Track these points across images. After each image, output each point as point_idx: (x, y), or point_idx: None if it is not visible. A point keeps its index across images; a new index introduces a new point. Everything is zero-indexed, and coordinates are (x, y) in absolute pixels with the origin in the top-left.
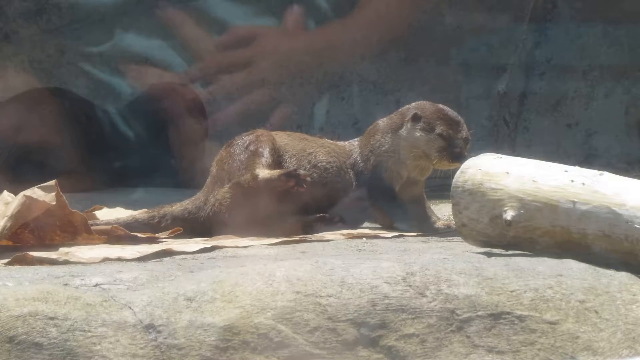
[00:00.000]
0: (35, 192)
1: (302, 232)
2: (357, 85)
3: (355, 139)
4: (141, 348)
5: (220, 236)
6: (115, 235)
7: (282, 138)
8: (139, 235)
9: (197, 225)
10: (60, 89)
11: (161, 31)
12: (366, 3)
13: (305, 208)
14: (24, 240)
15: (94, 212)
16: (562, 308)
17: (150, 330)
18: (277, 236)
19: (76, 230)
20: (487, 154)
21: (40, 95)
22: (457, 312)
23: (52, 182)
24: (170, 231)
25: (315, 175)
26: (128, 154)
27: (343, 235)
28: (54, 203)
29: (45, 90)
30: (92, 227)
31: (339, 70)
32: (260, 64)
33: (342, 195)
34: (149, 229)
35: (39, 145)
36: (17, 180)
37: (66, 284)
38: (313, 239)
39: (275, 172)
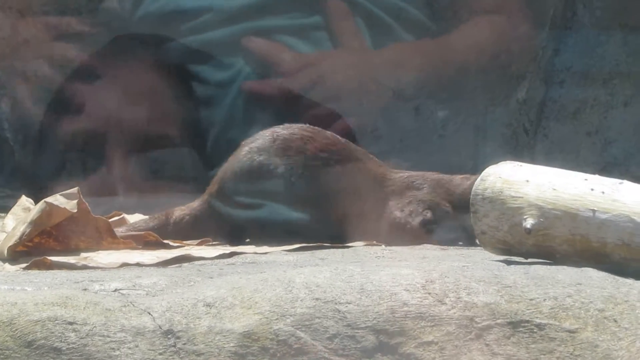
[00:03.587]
0: (57, 198)
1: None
2: (375, 92)
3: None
4: (160, 354)
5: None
6: (146, 241)
7: None
8: (170, 242)
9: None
10: None
11: None
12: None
13: None
14: (47, 247)
15: (122, 217)
16: (581, 317)
17: (169, 336)
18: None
19: (101, 236)
20: (507, 162)
21: None
22: (476, 319)
23: (74, 190)
24: (199, 240)
25: None
26: None
27: (362, 242)
28: (75, 210)
29: None
30: (125, 234)
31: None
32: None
33: None
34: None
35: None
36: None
37: (85, 289)
38: (332, 245)
39: None
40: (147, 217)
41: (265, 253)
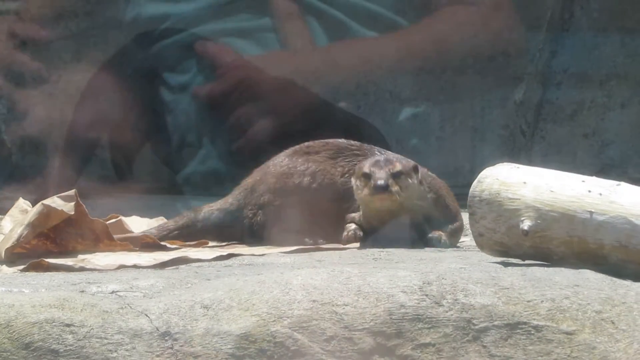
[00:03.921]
0: (54, 201)
1: None
2: (374, 94)
3: None
4: (157, 356)
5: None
6: (144, 243)
7: None
8: (168, 244)
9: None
10: None
11: None
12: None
13: None
14: (45, 249)
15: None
16: (579, 318)
17: (166, 338)
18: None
19: (98, 238)
20: (505, 163)
21: None
22: (474, 321)
23: (72, 192)
24: (196, 242)
25: None
26: None
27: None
28: (72, 213)
29: None
30: (122, 236)
31: (355, 79)
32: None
33: None
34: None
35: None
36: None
37: (82, 291)
38: (329, 247)
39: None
40: (147, 218)
41: (263, 255)
